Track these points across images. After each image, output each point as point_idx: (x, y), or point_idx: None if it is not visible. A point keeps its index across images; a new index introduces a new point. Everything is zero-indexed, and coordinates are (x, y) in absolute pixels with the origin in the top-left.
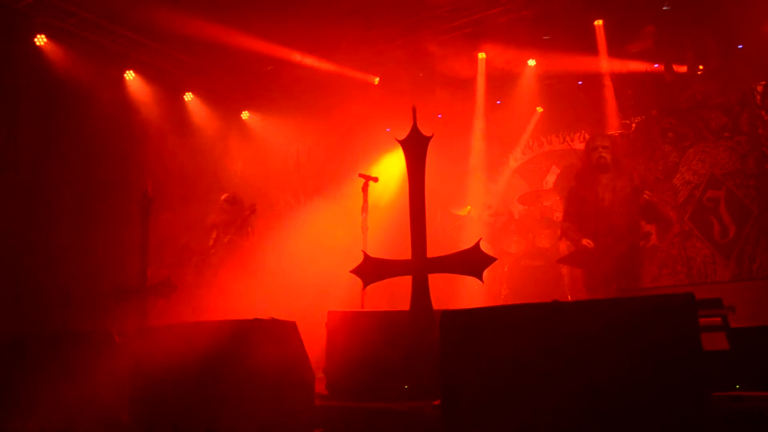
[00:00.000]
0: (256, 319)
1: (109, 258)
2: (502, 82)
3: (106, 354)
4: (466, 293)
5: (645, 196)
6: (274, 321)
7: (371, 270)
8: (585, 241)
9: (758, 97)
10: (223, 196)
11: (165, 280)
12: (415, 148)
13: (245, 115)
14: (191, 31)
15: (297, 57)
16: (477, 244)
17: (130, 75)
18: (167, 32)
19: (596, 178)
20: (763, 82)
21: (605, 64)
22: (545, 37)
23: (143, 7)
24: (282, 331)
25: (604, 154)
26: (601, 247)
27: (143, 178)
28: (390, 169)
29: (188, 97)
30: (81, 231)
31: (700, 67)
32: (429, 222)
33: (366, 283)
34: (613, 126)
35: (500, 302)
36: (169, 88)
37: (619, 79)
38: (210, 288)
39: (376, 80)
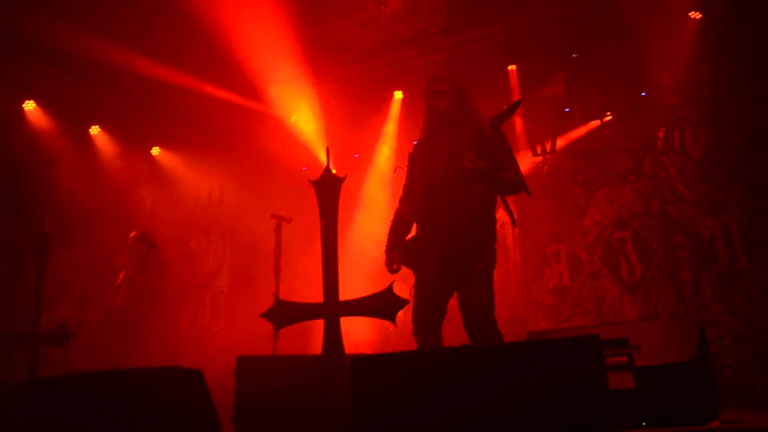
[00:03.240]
0: (156, 368)
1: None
2: (419, 123)
3: None
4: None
5: (466, 163)
6: (177, 369)
7: (282, 314)
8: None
9: (660, 142)
10: (132, 234)
11: (61, 326)
12: (328, 189)
13: (155, 150)
14: (99, 61)
15: (210, 91)
16: (390, 287)
17: (29, 105)
18: (72, 60)
19: (434, 136)
20: (664, 129)
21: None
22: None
23: (44, 33)
24: (185, 380)
25: (436, 101)
26: (428, 239)
27: (40, 214)
28: (307, 209)
29: (94, 130)
30: None
31: (608, 113)
32: (346, 263)
33: (277, 328)
34: (525, 165)
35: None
36: (73, 120)
37: (532, 122)
38: (119, 331)
39: (294, 118)
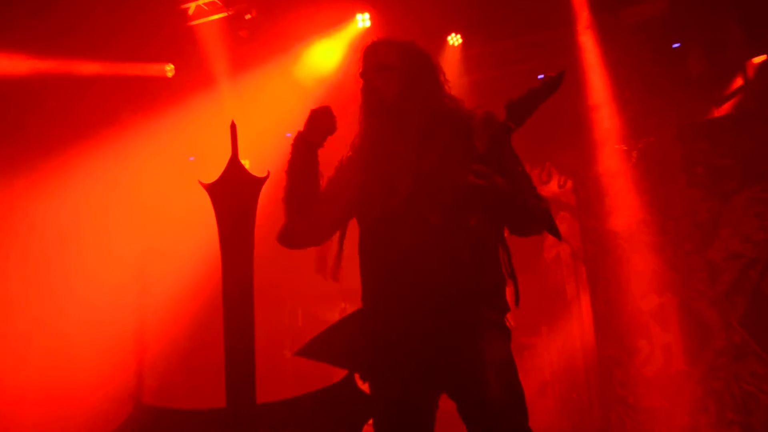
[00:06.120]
0: None
1: None
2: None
3: None
4: None
5: (471, 177)
6: None
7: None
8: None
9: None
10: None
11: None
12: (235, 198)
13: None
14: None
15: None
16: (349, 375)
17: None
18: None
19: (381, 139)
20: None
21: (587, 45)
22: None
23: None
24: None
25: (378, 83)
26: (402, 311)
27: None
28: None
29: None
30: None
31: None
32: (268, 325)
33: None
34: (602, 153)
35: None
36: None
37: (611, 71)
38: None
39: (170, 69)
